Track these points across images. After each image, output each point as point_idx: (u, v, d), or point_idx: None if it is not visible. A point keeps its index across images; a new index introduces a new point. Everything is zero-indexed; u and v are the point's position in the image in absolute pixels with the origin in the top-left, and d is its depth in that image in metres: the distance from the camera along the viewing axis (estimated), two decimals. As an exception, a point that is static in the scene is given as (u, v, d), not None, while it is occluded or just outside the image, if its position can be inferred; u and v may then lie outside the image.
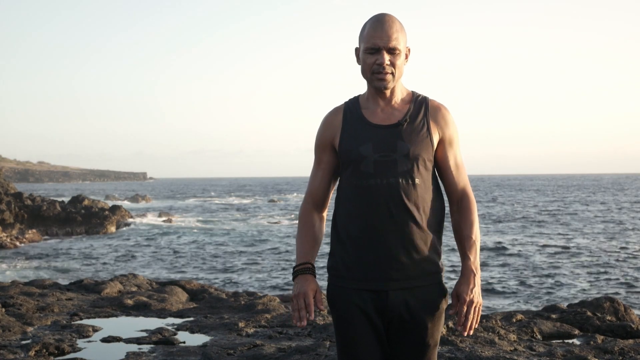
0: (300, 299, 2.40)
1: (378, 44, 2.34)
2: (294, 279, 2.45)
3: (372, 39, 2.35)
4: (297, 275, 2.45)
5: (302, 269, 2.44)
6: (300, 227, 2.52)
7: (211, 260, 21.73)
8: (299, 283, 2.42)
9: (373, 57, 2.36)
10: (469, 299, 2.34)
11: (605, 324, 6.21)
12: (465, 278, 2.37)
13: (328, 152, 2.49)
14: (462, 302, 2.34)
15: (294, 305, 2.41)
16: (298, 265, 2.46)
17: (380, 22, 2.36)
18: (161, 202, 69.11)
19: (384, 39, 2.34)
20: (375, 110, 2.43)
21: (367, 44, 2.36)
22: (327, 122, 2.49)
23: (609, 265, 18.99)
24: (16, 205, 32.17)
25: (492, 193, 77.50)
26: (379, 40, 2.34)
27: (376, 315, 2.38)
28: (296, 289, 2.42)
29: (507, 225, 33.02)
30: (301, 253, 2.48)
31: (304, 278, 2.43)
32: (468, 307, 2.34)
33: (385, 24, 2.36)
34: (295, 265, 2.48)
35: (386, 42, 2.34)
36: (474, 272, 2.36)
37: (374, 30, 2.35)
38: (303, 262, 2.45)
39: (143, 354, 5.10)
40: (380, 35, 2.34)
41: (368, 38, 2.36)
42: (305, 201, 2.54)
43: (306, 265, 2.45)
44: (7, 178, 54.30)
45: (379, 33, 2.34)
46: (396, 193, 2.34)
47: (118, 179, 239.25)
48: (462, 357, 4.83)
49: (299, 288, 2.41)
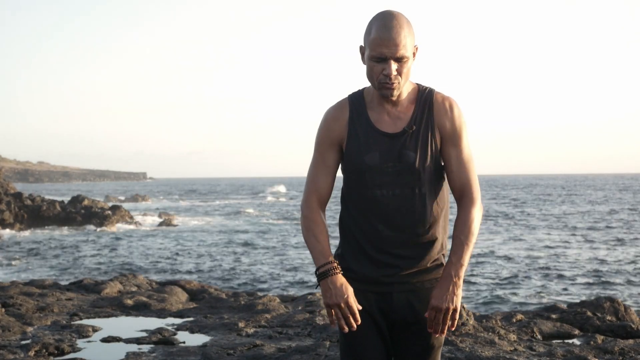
0: (343, 309, 2.27)
1: (385, 54, 2.21)
2: (321, 281, 2.29)
3: (378, 48, 2.21)
4: (325, 277, 2.29)
5: (330, 269, 2.29)
6: (311, 226, 2.37)
7: (211, 260, 21.72)
8: (332, 288, 2.27)
9: (380, 65, 2.24)
10: (438, 305, 2.26)
11: (605, 324, 6.21)
12: (441, 281, 2.29)
13: (334, 151, 2.40)
14: (431, 307, 2.28)
15: (337, 314, 2.28)
16: (322, 265, 2.31)
17: (387, 28, 2.21)
18: (161, 202, 69.12)
19: (392, 49, 2.21)
20: (382, 112, 2.34)
21: (373, 52, 2.23)
22: (333, 118, 2.39)
23: (610, 265, 18.98)
24: (16, 205, 32.18)
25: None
26: (386, 49, 2.21)
27: (380, 317, 2.37)
28: (333, 297, 2.27)
29: (508, 224, 33.04)
30: (321, 252, 2.33)
31: (337, 281, 2.28)
32: (437, 312, 2.27)
33: (393, 30, 2.21)
34: (319, 266, 2.32)
35: (394, 52, 2.21)
36: (452, 276, 2.26)
37: (380, 38, 2.21)
38: (327, 262, 2.31)
39: (143, 354, 5.10)
40: (387, 44, 2.20)
41: (374, 46, 2.22)
42: (309, 200, 2.41)
43: (332, 264, 2.30)
44: (7, 178, 54.37)
45: (386, 42, 2.20)
46: (402, 204, 2.31)
47: (118, 179, 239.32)
48: (462, 357, 4.83)
49: (338, 296, 2.26)
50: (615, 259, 20.27)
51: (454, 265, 2.27)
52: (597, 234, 28.29)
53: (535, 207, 49.19)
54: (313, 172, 2.43)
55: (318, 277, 2.32)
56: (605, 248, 23.05)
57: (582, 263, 19.45)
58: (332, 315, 2.29)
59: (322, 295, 2.32)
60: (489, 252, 22.07)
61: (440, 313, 2.27)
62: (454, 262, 2.28)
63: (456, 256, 2.28)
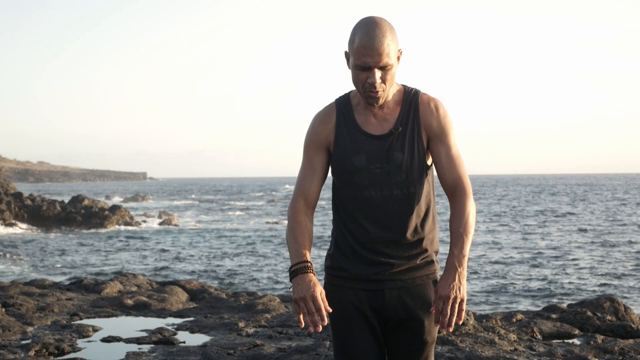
0: (308, 302, 2.27)
1: (369, 63, 2.25)
2: (292, 279, 2.33)
3: (362, 57, 2.25)
4: (296, 275, 2.33)
5: (301, 268, 2.33)
6: (293, 226, 2.42)
7: (211, 260, 21.73)
8: (301, 284, 2.30)
9: (364, 74, 2.28)
10: (445, 294, 2.27)
11: (605, 324, 6.22)
12: (445, 272, 2.31)
13: (321, 154, 2.44)
14: (438, 297, 2.29)
15: (302, 309, 2.29)
16: (295, 264, 2.35)
17: (370, 38, 2.24)
18: (161, 202, 69.13)
19: (375, 58, 2.24)
20: (368, 115, 2.39)
21: (357, 60, 2.27)
22: (320, 122, 2.44)
23: (610, 264, 18.99)
24: (16, 205, 32.20)
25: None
26: (369, 58, 2.25)
27: (372, 314, 2.39)
28: (300, 291, 2.30)
29: (507, 224, 33.04)
30: (297, 252, 2.37)
31: (306, 278, 2.31)
32: (445, 301, 2.28)
33: (376, 39, 2.24)
34: (292, 265, 2.36)
35: (377, 61, 2.25)
36: (456, 266, 2.29)
37: (364, 47, 2.24)
38: (300, 261, 2.34)
39: (143, 354, 5.11)
40: (371, 54, 2.24)
41: (358, 55, 2.26)
42: (296, 201, 2.45)
43: (305, 264, 2.34)
44: (7, 178, 54.38)
45: (369, 51, 2.24)
46: (391, 204, 2.35)
47: (118, 179, 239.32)
48: (462, 357, 4.83)
49: (304, 290, 2.29)
50: (616, 258, 20.28)
51: (457, 256, 2.30)
52: (597, 233, 28.31)
53: (535, 207, 49.21)
54: (301, 175, 2.48)
55: (290, 275, 2.35)
56: (606, 247, 23.06)
57: (582, 263, 19.47)
58: (298, 311, 2.29)
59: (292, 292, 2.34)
60: (489, 252, 22.09)
61: (447, 303, 2.28)
62: (456, 254, 2.30)
63: (457, 248, 2.31)
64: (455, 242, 2.32)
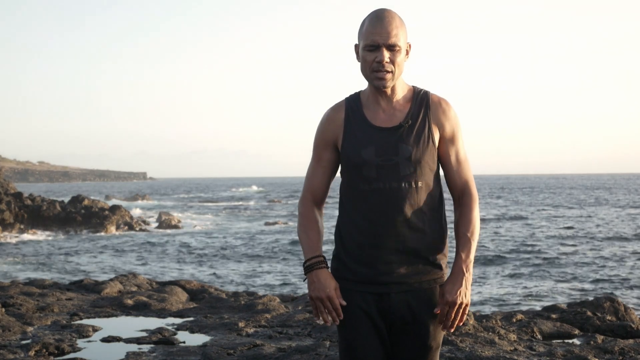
0: (325, 302, 2.34)
1: (377, 41, 2.30)
2: (308, 274, 2.37)
3: (371, 36, 2.31)
4: (311, 270, 2.37)
5: (315, 263, 2.37)
6: (304, 222, 2.47)
7: (211, 260, 21.73)
8: (316, 281, 2.35)
9: (372, 54, 2.32)
10: (452, 299, 2.32)
11: (605, 324, 6.21)
12: (452, 277, 2.34)
13: (329, 151, 2.46)
14: (444, 302, 2.33)
15: (319, 307, 2.35)
16: (310, 258, 2.38)
17: (379, 18, 2.31)
18: (161, 201, 69.11)
19: (384, 36, 2.29)
20: (377, 110, 2.40)
21: (366, 40, 2.32)
22: (329, 119, 2.46)
23: (610, 264, 18.99)
24: (16, 205, 32.18)
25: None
26: (378, 36, 2.30)
27: (378, 317, 2.38)
28: (316, 290, 2.35)
29: (508, 224, 33.04)
30: (309, 247, 2.41)
31: (322, 274, 2.36)
32: (450, 307, 2.32)
33: (385, 19, 2.31)
34: (307, 259, 2.39)
35: (385, 39, 2.30)
36: (463, 271, 2.33)
37: (373, 27, 2.31)
38: (314, 256, 2.38)
39: (143, 353, 5.11)
40: (380, 32, 2.29)
41: (367, 35, 2.32)
42: (305, 197, 2.50)
43: (319, 259, 2.38)
44: (7, 178, 54.27)
45: (378, 29, 2.30)
46: (399, 197, 2.34)
47: (118, 179, 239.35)
48: (462, 357, 4.83)
49: (320, 289, 2.34)
50: (616, 258, 20.27)
51: (464, 261, 2.34)
52: (597, 233, 28.30)
53: (534, 206, 49.19)
54: (309, 171, 2.51)
55: (305, 270, 2.40)
56: (605, 247, 23.05)
57: (582, 262, 19.46)
58: (315, 308, 2.38)
59: (307, 288, 2.39)
60: (489, 251, 22.08)
61: (453, 308, 2.32)
62: (463, 258, 2.34)
63: (465, 252, 2.34)
64: (462, 246, 2.35)
